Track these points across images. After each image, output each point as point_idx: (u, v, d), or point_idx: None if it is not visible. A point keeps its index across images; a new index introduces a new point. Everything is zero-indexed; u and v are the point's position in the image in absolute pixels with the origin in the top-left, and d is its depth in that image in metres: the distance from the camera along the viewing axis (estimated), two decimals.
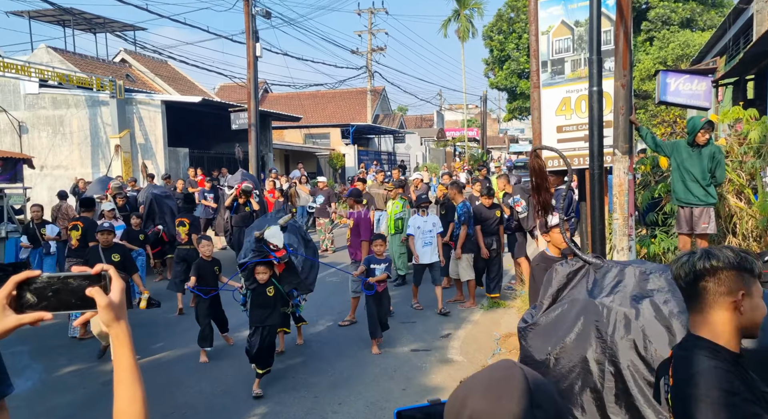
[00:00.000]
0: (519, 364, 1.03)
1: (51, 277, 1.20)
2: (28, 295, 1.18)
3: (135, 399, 1.21)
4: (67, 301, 1.20)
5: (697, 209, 5.58)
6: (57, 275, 1.21)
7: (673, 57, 20.07)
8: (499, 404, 0.96)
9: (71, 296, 1.20)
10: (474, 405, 0.98)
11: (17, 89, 16.85)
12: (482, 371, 1.06)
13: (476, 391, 1.00)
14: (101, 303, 1.18)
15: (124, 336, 1.22)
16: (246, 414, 4.95)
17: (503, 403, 0.95)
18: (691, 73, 8.19)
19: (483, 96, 40.95)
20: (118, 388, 1.22)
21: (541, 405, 0.95)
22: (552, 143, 7.39)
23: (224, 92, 34.92)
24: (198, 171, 16.64)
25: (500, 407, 0.95)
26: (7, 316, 1.15)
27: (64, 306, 1.20)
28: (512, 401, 0.95)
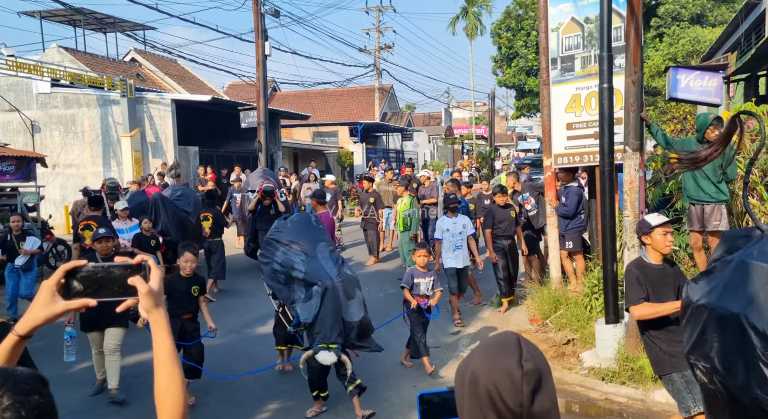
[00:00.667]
0: (516, 333, 1.23)
1: (96, 267, 1.30)
2: (75, 283, 1.28)
3: (174, 379, 1.29)
4: (110, 289, 1.29)
5: (709, 207, 5.57)
6: (101, 265, 1.30)
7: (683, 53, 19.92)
8: (494, 361, 1.16)
9: (114, 284, 1.29)
10: (474, 364, 1.19)
11: (30, 89, 17.02)
12: (487, 340, 1.27)
13: (477, 353, 1.22)
14: (142, 291, 1.28)
15: (162, 322, 1.31)
16: (259, 410, 5.01)
17: (497, 360, 1.16)
18: (702, 69, 8.15)
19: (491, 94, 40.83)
20: (159, 370, 1.30)
21: (528, 359, 1.14)
22: (561, 140, 7.40)
23: (233, 91, 35.06)
24: (208, 169, 16.74)
25: (495, 363, 1.15)
26: (57, 302, 1.25)
27: (107, 293, 1.30)
28: (504, 357, 1.15)
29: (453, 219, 7.51)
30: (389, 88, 39.33)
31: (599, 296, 6.08)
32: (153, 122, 17.16)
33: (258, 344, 6.69)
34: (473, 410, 1.17)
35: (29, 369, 1.07)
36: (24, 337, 1.27)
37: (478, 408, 1.16)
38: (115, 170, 16.91)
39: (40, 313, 1.25)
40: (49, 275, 6.84)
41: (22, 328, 1.27)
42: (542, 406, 1.14)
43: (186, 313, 5.17)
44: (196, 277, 5.35)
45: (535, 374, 1.14)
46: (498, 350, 1.18)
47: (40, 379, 1.05)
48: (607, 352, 5.54)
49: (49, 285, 1.26)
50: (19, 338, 1.28)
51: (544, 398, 1.14)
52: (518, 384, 1.12)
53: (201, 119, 19.77)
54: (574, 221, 7.55)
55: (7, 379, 1.00)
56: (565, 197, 7.58)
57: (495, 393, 1.13)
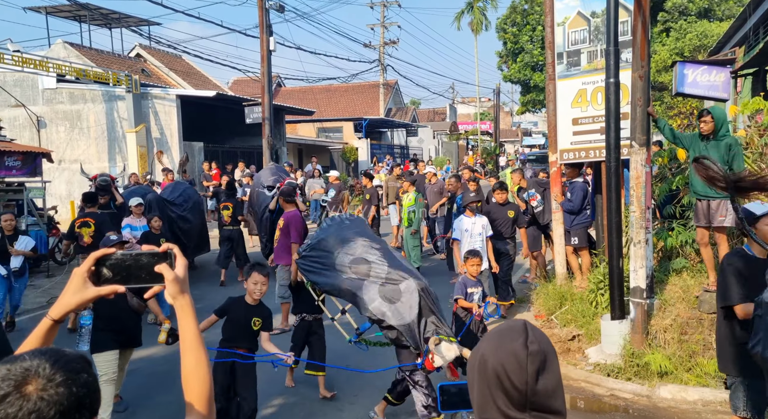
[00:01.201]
0: (524, 320, 1.31)
1: (124, 255, 1.36)
2: (104, 270, 1.34)
3: (201, 362, 1.37)
4: (138, 276, 1.36)
5: (714, 202, 5.52)
6: (129, 253, 1.37)
7: (690, 48, 19.78)
8: (501, 343, 1.25)
9: (142, 271, 1.36)
10: (484, 347, 1.29)
11: (35, 84, 17.07)
12: (497, 326, 1.36)
13: (487, 338, 1.32)
14: (168, 278, 1.34)
15: (188, 308, 1.38)
16: (263, 405, 5.01)
17: (504, 342, 1.25)
18: (710, 64, 8.09)
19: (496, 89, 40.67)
20: (185, 354, 1.37)
21: (533, 341, 1.22)
22: (567, 135, 7.35)
23: (238, 86, 35.07)
24: (213, 165, 16.78)
25: (502, 345, 1.24)
26: (88, 288, 1.33)
27: (135, 280, 1.36)
28: (511, 339, 1.24)
29: (472, 219, 7.12)
30: (394, 84, 39.26)
31: (605, 292, 6.06)
32: (158, 118, 17.19)
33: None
34: (482, 390, 1.25)
35: (77, 351, 1.15)
36: (57, 321, 1.34)
37: (486, 388, 1.24)
38: (121, 166, 16.96)
39: (72, 299, 1.32)
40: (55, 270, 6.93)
41: (55, 313, 1.33)
42: (546, 385, 1.21)
43: (239, 346, 4.24)
44: (261, 307, 4.36)
45: (539, 355, 1.21)
46: (505, 334, 1.27)
47: (87, 360, 1.12)
48: (613, 348, 5.52)
49: (80, 272, 1.32)
50: (53, 322, 1.34)
51: (548, 378, 1.22)
52: (523, 363, 1.20)
53: (206, 114, 19.79)
54: (579, 216, 7.52)
55: (59, 358, 1.06)
56: (570, 192, 7.55)
57: (502, 373, 1.21)
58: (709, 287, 5.57)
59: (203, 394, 1.36)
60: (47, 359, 1.05)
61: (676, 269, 6.17)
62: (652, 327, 5.60)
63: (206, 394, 1.36)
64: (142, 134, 16.67)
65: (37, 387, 1.01)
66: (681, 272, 6.12)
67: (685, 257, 6.32)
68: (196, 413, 1.34)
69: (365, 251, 4.58)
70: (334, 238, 4.84)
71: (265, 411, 4.90)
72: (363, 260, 4.53)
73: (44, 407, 1.00)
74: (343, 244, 4.72)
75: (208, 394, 1.37)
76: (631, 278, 5.61)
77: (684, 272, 6.09)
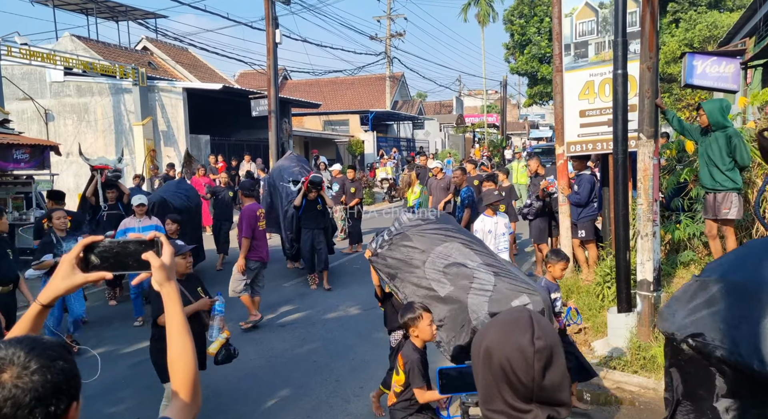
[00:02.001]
0: (529, 309, 1.31)
1: (112, 242, 1.39)
2: (92, 257, 1.38)
3: (186, 348, 1.41)
4: (125, 263, 1.39)
5: (720, 195, 5.48)
6: (117, 241, 1.40)
7: (699, 39, 19.56)
8: (507, 336, 1.23)
9: (129, 258, 1.39)
10: (489, 339, 1.27)
11: (43, 77, 17.13)
12: (501, 314, 1.35)
13: (492, 328, 1.30)
14: (155, 265, 1.38)
15: (174, 294, 1.42)
16: (270, 397, 5.04)
17: (510, 336, 1.23)
18: (719, 55, 7.98)
19: (503, 81, 40.44)
20: (172, 340, 1.41)
21: (540, 337, 1.21)
22: (574, 127, 7.31)
23: (244, 79, 35.05)
24: (219, 158, 16.80)
25: (508, 339, 1.23)
26: (76, 274, 1.36)
27: (123, 267, 1.39)
28: (517, 334, 1.22)
29: (494, 219, 6.64)
30: (400, 77, 39.11)
31: (611, 285, 6.04)
32: (165, 111, 17.22)
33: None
34: (488, 381, 1.26)
35: (55, 338, 1.16)
36: (46, 306, 1.39)
37: (492, 380, 1.24)
38: (128, 159, 17.02)
39: (60, 284, 1.36)
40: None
41: (44, 298, 1.38)
42: (553, 380, 1.22)
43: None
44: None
45: (546, 351, 1.21)
46: (512, 327, 1.25)
47: (64, 347, 1.14)
48: (619, 341, 5.51)
49: (69, 259, 1.36)
50: (42, 307, 1.39)
51: (554, 372, 1.22)
52: (530, 360, 1.20)
53: (212, 107, 19.80)
54: (586, 209, 7.48)
55: (35, 346, 1.09)
56: (577, 185, 7.51)
57: (508, 368, 1.21)
58: None
59: (188, 379, 1.39)
60: (22, 347, 1.07)
61: (683, 262, 6.14)
62: None
63: (191, 380, 1.40)
64: (149, 127, 16.71)
65: (12, 375, 1.04)
66: (689, 264, 6.09)
67: (692, 249, 6.28)
68: (180, 399, 1.37)
69: (464, 255, 3.84)
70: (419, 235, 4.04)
71: (271, 403, 4.93)
72: (461, 265, 3.78)
73: (20, 394, 1.02)
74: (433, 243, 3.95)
75: (193, 380, 1.40)
76: (638, 270, 5.59)
77: (692, 265, 6.07)
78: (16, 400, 1.02)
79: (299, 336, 6.66)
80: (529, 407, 1.22)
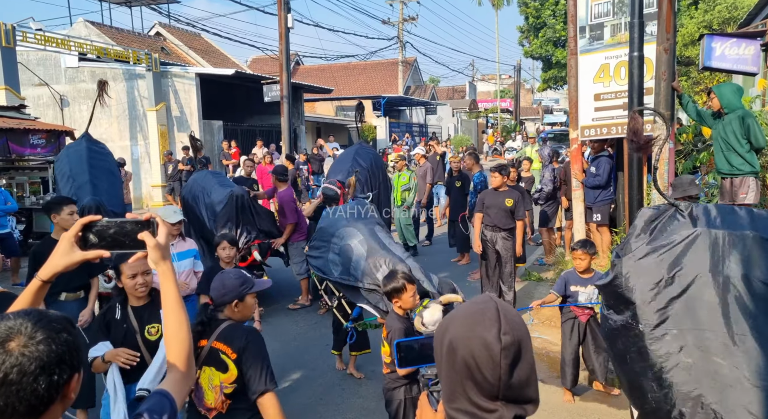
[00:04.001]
0: (495, 298, 1.23)
1: (109, 222, 1.43)
2: (91, 236, 1.42)
3: (182, 324, 1.48)
4: (121, 242, 1.43)
5: (737, 179, 5.40)
6: (114, 221, 1.43)
7: (719, 20, 19.12)
8: (472, 330, 1.15)
9: (126, 238, 1.43)
10: (453, 331, 1.19)
11: (58, 63, 17.25)
12: (465, 304, 1.27)
13: (456, 320, 1.21)
14: (150, 244, 1.42)
15: (169, 273, 1.47)
16: (282, 379, 5.11)
17: (476, 329, 1.15)
18: (739, 36, 7.83)
19: (517, 66, 40.04)
20: (168, 317, 1.47)
21: (507, 332, 1.14)
22: (589, 111, 7.22)
23: (256, 65, 35.02)
24: (232, 144, 16.87)
25: (473, 334, 1.15)
26: (75, 252, 1.41)
27: (120, 246, 1.43)
28: (483, 328, 1.15)
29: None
30: (413, 61, 38.84)
31: None
32: (178, 96, 17.28)
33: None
34: (451, 377, 1.18)
35: (60, 312, 1.21)
36: (46, 282, 1.44)
37: (456, 376, 1.17)
38: (142, 144, 17.15)
39: (60, 261, 1.41)
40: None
41: (44, 274, 1.44)
42: (520, 376, 1.15)
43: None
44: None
45: (513, 346, 1.13)
46: (476, 319, 1.17)
47: (69, 321, 1.20)
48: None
49: (68, 237, 1.41)
50: (42, 283, 1.45)
51: (522, 368, 1.15)
52: (496, 358, 1.12)
53: (225, 93, 19.84)
54: (604, 192, 7.38)
55: (41, 319, 1.14)
56: (595, 167, 7.43)
57: (473, 365, 1.13)
58: None
59: (183, 354, 1.47)
60: (30, 319, 1.13)
61: None
62: None
63: (186, 353, 1.48)
64: (162, 113, 16.80)
65: (19, 343, 1.09)
66: None
67: None
68: (177, 371, 1.46)
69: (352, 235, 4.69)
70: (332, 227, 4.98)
71: (284, 385, 5.00)
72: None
73: (25, 362, 1.08)
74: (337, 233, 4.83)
75: (187, 353, 1.48)
76: None
77: None
78: (22, 367, 1.07)
79: (312, 319, 6.73)
80: (495, 405, 1.15)
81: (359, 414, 4.51)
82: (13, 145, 10.37)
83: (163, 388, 1.41)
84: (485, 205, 6.62)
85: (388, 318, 3.48)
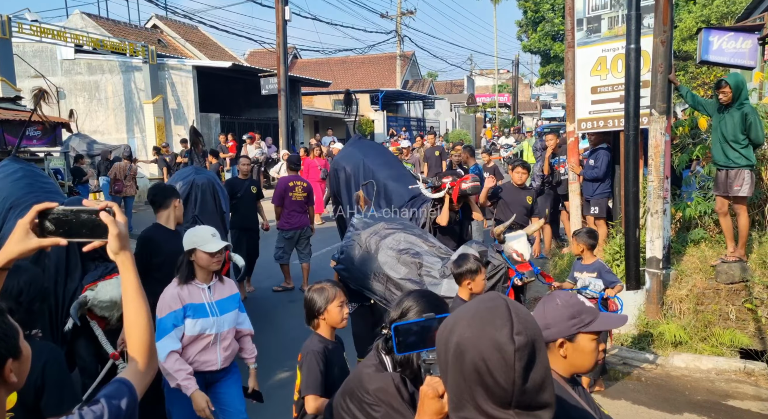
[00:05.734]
0: (504, 297, 1.11)
1: (66, 209, 1.39)
2: (47, 223, 1.38)
3: (141, 312, 1.47)
4: (79, 231, 1.40)
5: (732, 171, 5.42)
6: (71, 208, 1.40)
7: (717, 15, 19.11)
8: (482, 331, 1.05)
9: (83, 227, 1.40)
10: (460, 332, 1.08)
11: (54, 55, 17.16)
12: (471, 302, 1.17)
13: (463, 320, 1.10)
14: (113, 232, 1.40)
15: (129, 263, 1.46)
16: (279, 370, 5.13)
17: (486, 330, 1.05)
18: (736, 30, 7.82)
19: (515, 60, 39.95)
20: (127, 305, 1.47)
21: (520, 332, 1.04)
22: (586, 104, 7.22)
23: (254, 58, 34.89)
24: (229, 137, 16.83)
25: (483, 335, 1.05)
26: (31, 239, 1.38)
27: (77, 235, 1.40)
28: (493, 327, 1.05)
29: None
30: (411, 55, 38.72)
31: (620, 263, 6.03)
32: (174, 89, 17.23)
33: None
34: (458, 383, 1.08)
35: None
36: (2, 269, 1.42)
37: (463, 381, 1.07)
38: (139, 137, 17.10)
39: (15, 248, 1.38)
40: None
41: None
42: (535, 380, 1.05)
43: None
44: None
45: (528, 347, 1.04)
46: (486, 319, 1.07)
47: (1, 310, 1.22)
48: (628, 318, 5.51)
49: (24, 223, 1.37)
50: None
51: (537, 371, 1.05)
52: (510, 360, 1.02)
53: (222, 86, 19.78)
54: (602, 185, 7.39)
55: None
56: (594, 159, 7.43)
57: (484, 369, 1.03)
58: (726, 258, 5.51)
59: (144, 344, 1.47)
60: None
61: (694, 240, 6.10)
62: (667, 297, 5.58)
63: (147, 343, 1.47)
64: (159, 105, 16.74)
65: None
66: (699, 242, 6.06)
67: (703, 227, 6.24)
68: (136, 363, 1.45)
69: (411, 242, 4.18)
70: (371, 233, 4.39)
71: (282, 376, 5.02)
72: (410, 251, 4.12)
73: None
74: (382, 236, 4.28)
75: (148, 343, 1.47)
76: (648, 248, 5.57)
77: (702, 243, 6.03)
78: None
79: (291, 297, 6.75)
80: (507, 414, 1.04)
81: None
82: (9, 136, 10.34)
83: (122, 377, 1.41)
84: (506, 202, 6.29)
85: (454, 304, 3.15)
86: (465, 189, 5.34)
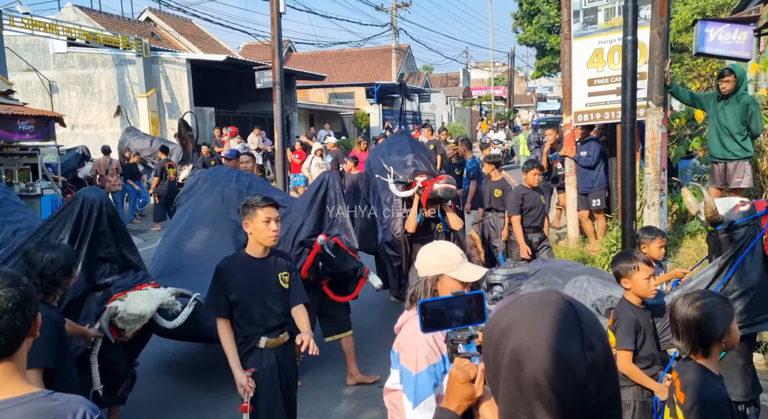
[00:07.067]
0: (567, 297, 0.96)
1: None
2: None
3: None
4: None
5: (732, 164, 5.42)
6: None
7: (713, 7, 19.11)
8: (545, 341, 0.89)
9: None
10: (518, 339, 0.92)
11: (46, 49, 17.01)
12: (528, 300, 0.98)
13: (522, 323, 0.93)
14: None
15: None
16: None
17: (550, 340, 0.89)
18: (732, 22, 7.81)
19: (510, 53, 39.88)
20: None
21: (593, 346, 0.89)
22: (582, 96, 7.22)
23: (249, 52, 34.68)
24: (224, 131, 16.74)
25: (548, 346, 0.89)
26: None
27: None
28: (560, 340, 0.89)
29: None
30: (406, 49, 38.58)
31: None
32: (168, 82, 17.11)
33: None
34: (512, 393, 0.94)
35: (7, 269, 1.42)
36: None
37: (519, 394, 0.92)
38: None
39: None
40: None
41: None
42: (605, 397, 0.91)
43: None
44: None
45: (601, 363, 0.89)
46: (549, 328, 0.90)
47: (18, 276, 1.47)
48: None
49: None
50: None
51: (608, 388, 0.91)
52: (581, 380, 0.88)
53: (217, 80, 19.65)
54: (599, 177, 7.40)
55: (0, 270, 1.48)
56: (586, 150, 7.45)
57: (545, 385, 0.89)
58: None
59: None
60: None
61: (690, 232, 6.11)
62: None
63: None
64: (153, 99, 16.63)
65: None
66: (696, 234, 6.07)
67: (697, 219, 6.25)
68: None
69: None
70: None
71: None
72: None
73: (3, 301, 1.37)
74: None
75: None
76: None
77: (699, 235, 6.04)
78: (1, 306, 1.36)
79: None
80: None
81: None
82: (2, 131, 10.25)
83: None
84: (526, 205, 5.84)
85: (619, 305, 2.96)
86: (436, 191, 4.94)
